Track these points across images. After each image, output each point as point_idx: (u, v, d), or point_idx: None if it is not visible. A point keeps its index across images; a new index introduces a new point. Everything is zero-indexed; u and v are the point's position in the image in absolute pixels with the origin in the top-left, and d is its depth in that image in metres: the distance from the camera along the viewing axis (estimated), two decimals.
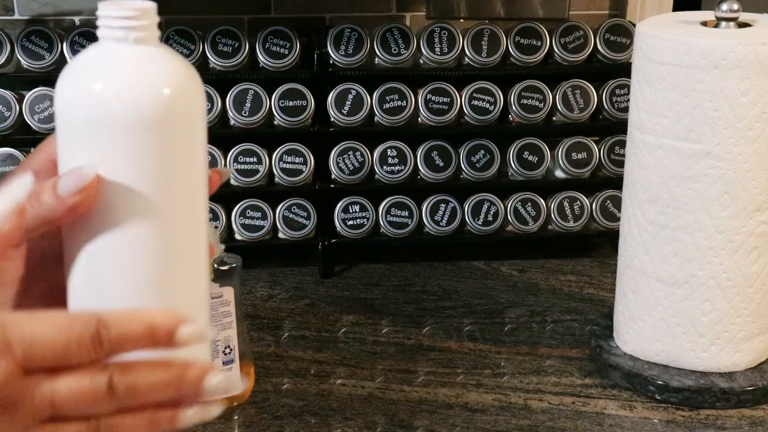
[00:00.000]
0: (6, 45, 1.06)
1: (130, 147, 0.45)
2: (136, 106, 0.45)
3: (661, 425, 0.80)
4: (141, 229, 0.46)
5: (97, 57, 0.46)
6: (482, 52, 1.09)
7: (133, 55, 0.46)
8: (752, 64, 0.76)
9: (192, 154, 0.48)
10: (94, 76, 0.45)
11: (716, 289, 0.82)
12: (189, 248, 0.48)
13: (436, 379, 0.87)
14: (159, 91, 0.45)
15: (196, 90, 0.47)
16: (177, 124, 0.46)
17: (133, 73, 0.46)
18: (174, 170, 0.46)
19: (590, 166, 1.12)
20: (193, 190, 0.48)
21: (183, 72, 0.47)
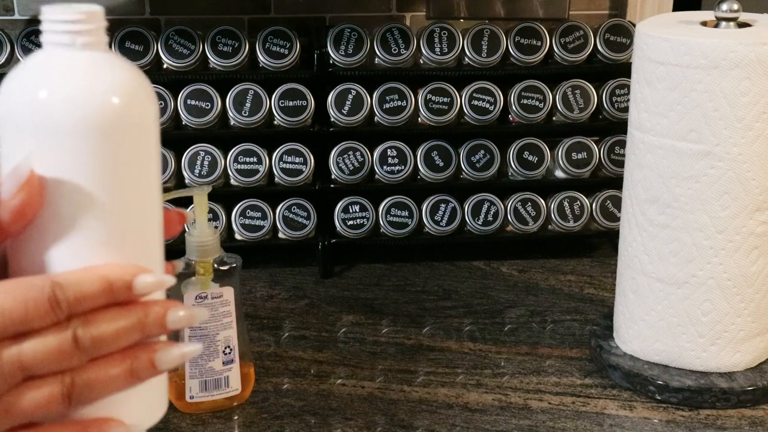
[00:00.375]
0: (6, 45, 1.06)
1: (76, 154, 0.44)
2: (82, 114, 0.44)
3: (661, 425, 0.80)
4: (91, 234, 0.45)
5: (42, 63, 0.45)
6: (482, 52, 1.09)
7: (79, 60, 0.45)
8: (752, 64, 0.76)
9: (142, 160, 0.46)
10: (40, 83, 0.44)
11: (716, 289, 0.82)
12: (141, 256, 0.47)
13: (436, 379, 0.87)
14: (106, 99, 0.44)
15: (144, 96, 0.46)
16: (124, 131, 0.45)
17: (78, 79, 0.44)
18: (123, 177, 0.45)
19: (590, 166, 1.12)
20: (143, 198, 0.47)
21: (130, 78, 0.46)
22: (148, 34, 1.07)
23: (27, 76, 0.45)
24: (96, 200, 0.45)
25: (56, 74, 0.44)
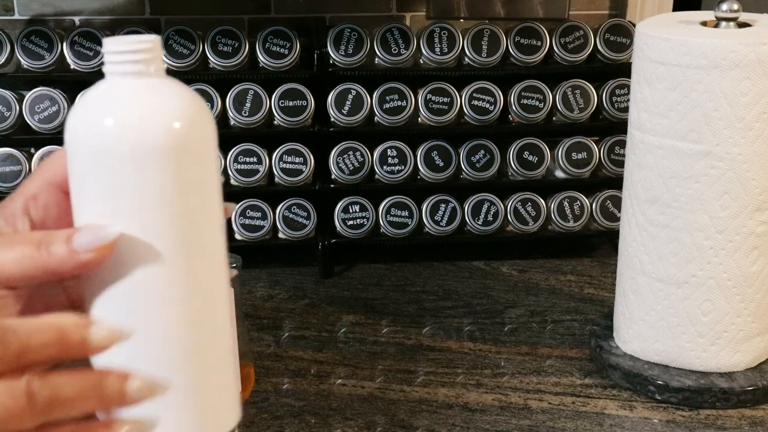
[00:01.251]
0: (6, 45, 1.06)
1: (142, 181, 0.45)
2: (147, 140, 0.45)
3: (661, 425, 0.80)
4: (159, 269, 0.46)
5: (106, 93, 0.46)
6: (482, 52, 1.09)
7: (141, 88, 0.46)
8: (752, 64, 0.76)
9: (206, 184, 0.47)
10: (104, 112, 0.45)
11: (716, 289, 0.82)
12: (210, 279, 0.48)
13: (436, 379, 0.87)
14: (170, 124, 0.45)
15: (207, 121, 0.47)
16: (189, 156, 0.46)
17: (142, 107, 0.45)
18: (189, 202, 0.46)
19: (590, 166, 1.12)
20: (210, 218, 0.48)
21: (193, 103, 0.47)
22: (149, 34, 1.07)
23: (91, 105, 0.46)
24: (164, 224, 0.46)
25: (121, 102, 0.45)
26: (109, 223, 0.45)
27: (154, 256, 0.46)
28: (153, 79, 0.46)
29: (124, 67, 0.46)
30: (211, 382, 0.49)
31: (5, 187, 1.07)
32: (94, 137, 0.45)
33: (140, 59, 0.46)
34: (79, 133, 0.46)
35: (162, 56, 0.47)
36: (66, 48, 1.06)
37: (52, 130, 1.06)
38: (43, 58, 1.06)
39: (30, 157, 1.07)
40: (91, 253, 0.45)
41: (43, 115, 1.05)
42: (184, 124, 0.46)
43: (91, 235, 0.45)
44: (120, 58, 0.46)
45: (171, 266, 0.46)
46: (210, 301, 0.49)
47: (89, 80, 1.05)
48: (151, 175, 0.45)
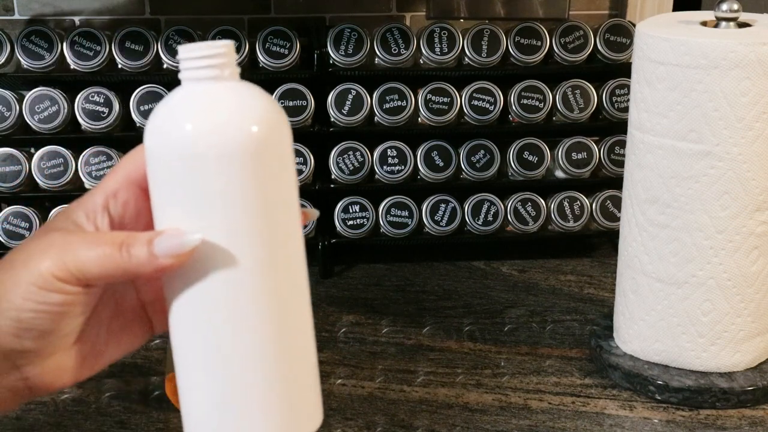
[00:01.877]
0: (6, 45, 1.06)
1: (222, 183, 0.46)
2: (227, 143, 0.45)
3: (661, 425, 0.80)
4: (242, 271, 0.47)
5: (185, 98, 0.47)
6: (482, 52, 1.09)
7: (218, 92, 0.47)
8: (752, 64, 0.76)
9: (284, 185, 0.48)
10: (184, 117, 0.46)
11: (716, 289, 0.82)
12: (291, 278, 0.49)
13: (436, 379, 0.87)
14: (249, 127, 0.46)
15: (284, 124, 0.48)
16: (268, 158, 0.47)
17: (221, 110, 0.46)
18: (270, 202, 0.47)
19: (590, 166, 1.12)
20: (290, 219, 0.49)
21: (270, 106, 0.48)
22: (148, 34, 1.07)
23: (172, 111, 0.47)
24: (245, 225, 0.46)
25: (201, 107, 0.46)
26: (190, 229, 0.46)
27: (236, 258, 0.46)
28: (229, 82, 0.47)
29: (201, 72, 0.47)
30: (296, 384, 0.50)
31: (5, 187, 1.07)
32: (175, 142, 0.46)
33: (215, 64, 0.47)
34: (160, 138, 0.46)
35: (236, 60, 0.48)
36: (66, 48, 1.06)
37: (52, 130, 1.06)
38: (43, 58, 1.06)
39: (30, 157, 1.07)
40: (170, 259, 0.46)
41: (43, 115, 1.06)
42: (263, 126, 0.46)
43: (171, 241, 0.46)
44: (196, 64, 0.46)
45: (254, 268, 0.47)
46: (293, 302, 0.49)
47: (89, 80, 1.07)
48: (230, 177, 0.45)
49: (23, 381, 0.49)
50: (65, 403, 0.82)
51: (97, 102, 1.06)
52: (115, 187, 0.50)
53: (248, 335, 0.47)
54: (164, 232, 0.46)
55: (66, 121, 1.06)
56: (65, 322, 0.48)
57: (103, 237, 0.48)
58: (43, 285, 0.47)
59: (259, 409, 0.48)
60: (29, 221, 1.07)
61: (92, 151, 1.07)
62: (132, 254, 0.46)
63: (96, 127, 1.07)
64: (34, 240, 0.49)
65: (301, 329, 0.50)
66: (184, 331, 0.49)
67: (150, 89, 1.07)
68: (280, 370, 0.49)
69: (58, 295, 0.47)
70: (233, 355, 0.47)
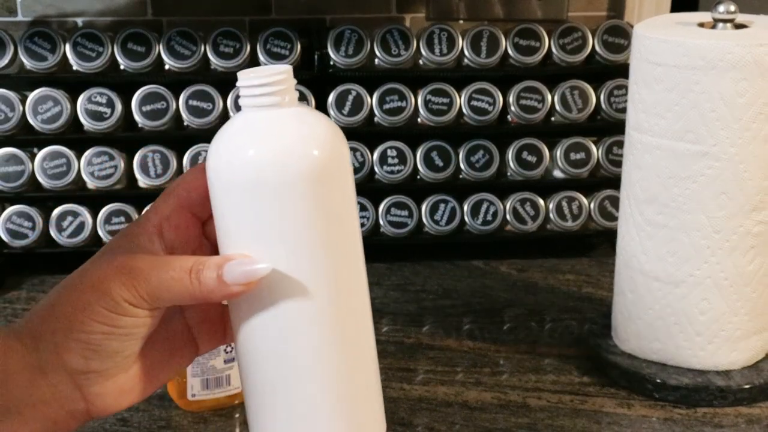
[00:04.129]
0: (9, 46, 1.06)
1: (286, 209, 0.46)
2: (290, 170, 0.45)
3: (658, 423, 0.80)
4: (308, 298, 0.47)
5: (246, 125, 0.47)
6: (481, 53, 1.10)
7: (279, 119, 0.47)
8: (749, 65, 0.76)
9: (347, 209, 0.48)
10: (246, 144, 0.46)
11: (713, 288, 0.82)
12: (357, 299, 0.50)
13: (436, 377, 0.88)
14: (310, 152, 0.46)
15: (343, 147, 0.48)
16: (331, 183, 0.47)
17: (283, 137, 0.46)
18: (334, 227, 0.47)
19: (588, 166, 1.13)
20: (353, 244, 0.49)
21: (329, 130, 0.48)
22: (150, 35, 1.08)
23: (234, 139, 0.47)
24: (311, 250, 0.47)
25: (263, 134, 0.47)
26: (257, 255, 0.46)
27: (304, 284, 0.46)
28: (289, 108, 0.47)
29: (261, 99, 0.47)
30: (362, 402, 0.50)
31: (8, 187, 1.07)
32: (239, 169, 0.46)
33: (276, 91, 0.47)
34: (223, 165, 0.46)
35: (294, 85, 0.48)
36: (69, 49, 1.07)
37: (55, 131, 1.07)
38: (46, 59, 1.07)
39: (33, 158, 1.07)
40: (240, 287, 0.46)
41: (45, 116, 1.06)
42: (325, 151, 0.46)
43: (241, 269, 0.46)
44: (257, 92, 0.47)
45: (321, 293, 0.47)
46: (359, 324, 0.49)
47: (92, 81, 1.07)
48: (296, 204, 0.46)
49: (84, 403, 0.50)
50: None
51: (100, 103, 1.07)
52: (167, 211, 0.51)
53: (315, 361, 0.48)
54: (233, 258, 0.47)
55: (68, 121, 1.07)
56: (130, 343, 0.49)
57: (172, 262, 0.48)
58: (114, 309, 0.47)
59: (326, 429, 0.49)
60: (32, 221, 1.07)
61: (95, 152, 1.08)
62: (202, 281, 0.47)
63: (98, 127, 1.07)
64: (102, 262, 0.49)
65: (366, 351, 0.51)
66: (252, 357, 0.49)
67: (152, 90, 1.07)
68: (348, 391, 0.49)
69: (129, 319, 0.48)
70: (300, 381, 0.48)
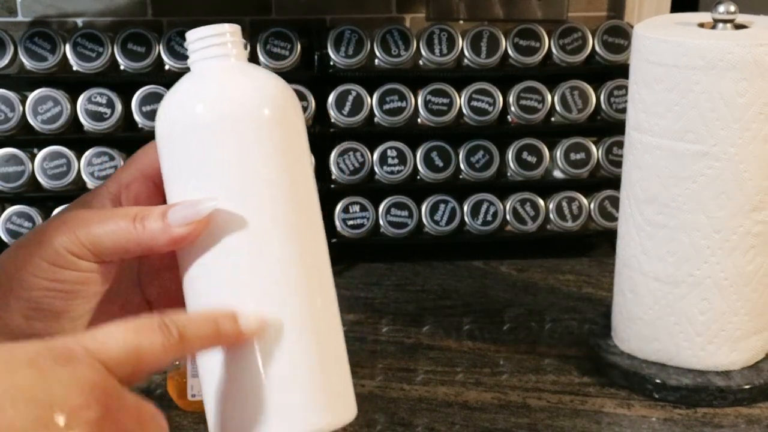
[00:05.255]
0: (9, 46, 1.06)
1: (234, 149, 0.46)
2: (236, 109, 0.46)
3: (658, 423, 0.80)
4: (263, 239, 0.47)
5: (192, 77, 0.48)
6: (481, 53, 1.10)
7: (225, 68, 0.48)
8: (749, 65, 0.76)
9: (297, 151, 0.49)
10: (191, 93, 0.47)
11: (713, 289, 0.82)
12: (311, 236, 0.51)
13: (436, 377, 0.88)
14: (257, 93, 0.47)
15: (290, 92, 0.49)
16: (279, 121, 0.47)
17: (227, 82, 0.47)
18: (283, 166, 0.47)
19: (588, 167, 1.13)
20: (304, 182, 0.50)
21: (276, 81, 0.48)
22: (150, 35, 1.08)
23: (179, 89, 0.48)
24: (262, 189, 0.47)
25: (207, 81, 0.47)
26: (204, 198, 0.46)
27: (254, 221, 0.46)
28: (236, 60, 0.48)
29: (207, 51, 0.48)
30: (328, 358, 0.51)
31: (9, 188, 1.07)
32: (184, 116, 0.46)
33: (221, 42, 0.48)
34: (169, 116, 0.47)
35: (242, 42, 0.49)
36: (69, 49, 1.07)
37: (55, 131, 1.07)
38: (46, 60, 1.07)
39: (33, 158, 1.07)
40: (185, 228, 0.45)
41: (46, 116, 1.06)
42: (270, 92, 0.47)
43: (185, 210, 0.45)
44: (202, 44, 0.48)
45: (275, 236, 0.47)
46: (316, 258, 0.51)
47: (92, 81, 1.07)
48: (242, 142, 0.46)
49: None
50: None
51: (100, 103, 1.07)
52: (128, 179, 0.50)
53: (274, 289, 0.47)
54: (178, 203, 0.46)
55: (69, 121, 1.07)
56: (76, 303, 0.47)
57: (117, 211, 0.47)
58: (56, 261, 0.46)
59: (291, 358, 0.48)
60: (32, 221, 1.07)
61: (95, 152, 1.08)
62: (146, 226, 0.45)
63: (98, 127, 1.07)
64: (49, 221, 0.48)
65: (327, 295, 0.52)
66: (203, 298, 0.48)
67: (152, 90, 1.07)
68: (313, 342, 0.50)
69: (71, 272, 0.46)
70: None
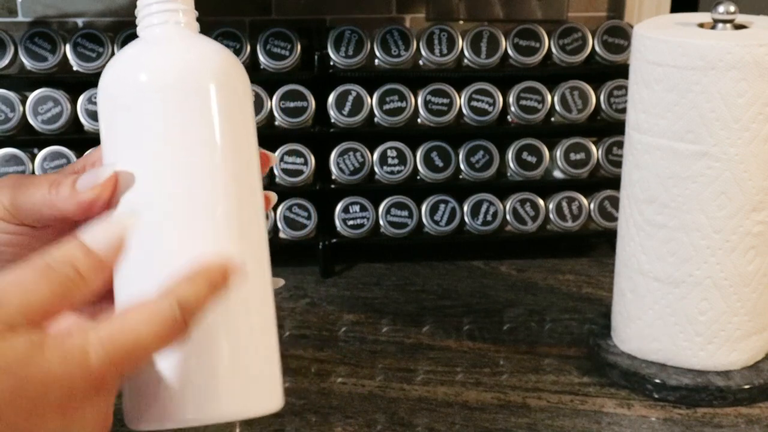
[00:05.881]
0: (9, 47, 1.06)
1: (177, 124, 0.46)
2: (180, 85, 0.46)
3: (658, 423, 0.80)
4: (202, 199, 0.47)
5: (138, 44, 0.48)
6: (481, 53, 1.10)
7: (174, 37, 0.48)
8: (749, 65, 0.76)
9: (239, 126, 0.48)
10: (134, 61, 0.47)
11: (713, 289, 0.82)
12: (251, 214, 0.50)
13: (436, 377, 0.88)
14: (203, 67, 0.47)
15: (238, 66, 0.49)
16: (223, 96, 0.47)
17: (170, 52, 0.47)
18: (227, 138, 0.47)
19: (588, 167, 1.13)
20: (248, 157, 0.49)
21: (221, 51, 0.48)
22: None
23: (125, 58, 0.48)
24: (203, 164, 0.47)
25: (149, 53, 0.47)
26: (109, 163, 0.47)
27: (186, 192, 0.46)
28: (181, 29, 0.48)
29: (154, 18, 0.48)
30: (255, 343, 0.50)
31: None
32: (117, 85, 0.47)
33: (167, 9, 0.48)
34: (106, 83, 0.48)
35: (193, 10, 0.49)
36: (69, 50, 1.07)
37: (55, 131, 1.07)
38: (46, 60, 1.07)
39: (33, 158, 1.07)
40: (90, 192, 0.47)
41: (46, 116, 1.06)
42: (208, 66, 0.47)
43: (90, 176, 0.47)
44: (149, 11, 0.48)
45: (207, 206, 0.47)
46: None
47: (92, 81, 1.07)
48: (170, 114, 0.46)
49: None
50: None
51: None
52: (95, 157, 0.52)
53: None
54: (87, 171, 0.48)
55: (69, 122, 1.07)
56: (4, 264, 0.50)
57: (39, 178, 0.50)
58: None
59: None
60: None
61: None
62: (59, 192, 0.48)
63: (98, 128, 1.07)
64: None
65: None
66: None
67: None
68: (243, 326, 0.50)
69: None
70: None
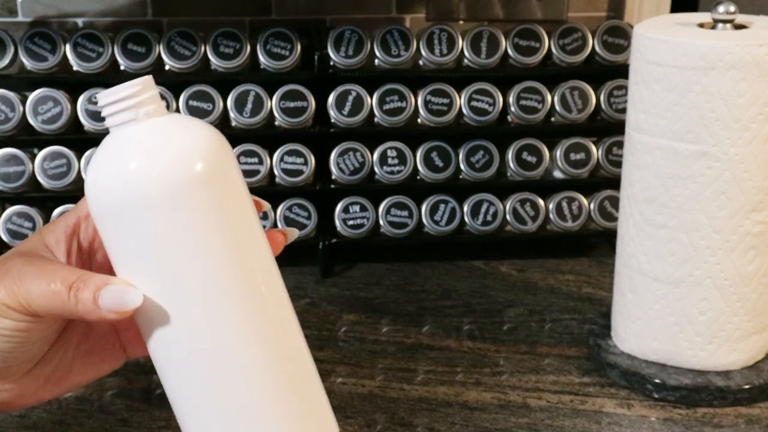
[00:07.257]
0: (9, 47, 1.06)
1: (170, 225, 0.45)
2: (168, 181, 0.44)
3: (658, 423, 0.80)
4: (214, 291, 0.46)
5: (116, 143, 0.45)
6: (481, 53, 1.10)
7: (146, 132, 0.45)
8: (749, 65, 0.76)
9: (239, 214, 0.47)
10: (115, 169, 0.45)
11: (713, 289, 0.82)
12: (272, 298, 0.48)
13: (436, 377, 0.88)
14: (186, 161, 0.45)
15: (223, 147, 0.47)
16: (216, 186, 0.45)
17: (154, 149, 0.45)
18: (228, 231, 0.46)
19: (588, 167, 1.13)
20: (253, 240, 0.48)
21: (205, 135, 0.46)
22: (150, 36, 1.08)
23: (102, 163, 0.46)
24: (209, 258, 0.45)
25: (128, 160, 0.45)
26: (135, 285, 0.45)
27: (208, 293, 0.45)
28: (154, 119, 0.45)
29: (121, 116, 0.45)
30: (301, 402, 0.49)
31: (9, 188, 1.07)
32: (105, 194, 0.45)
33: (132, 105, 0.45)
34: (95, 192, 0.46)
35: (157, 93, 0.46)
36: (69, 50, 1.07)
37: (55, 131, 1.07)
38: (46, 60, 1.07)
39: (33, 158, 1.07)
40: (113, 314, 0.46)
41: (46, 116, 1.06)
42: (198, 157, 0.45)
43: (115, 297, 0.46)
44: (114, 109, 0.45)
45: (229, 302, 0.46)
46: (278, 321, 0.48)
47: (92, 81, 1.07)
48: (169, 218, 0.44)
49: None
50: (68, 402, 0.83)
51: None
52: (87, 209, 0.50)
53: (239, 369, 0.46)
54: (112, 283, 0.46)
55: (69, 122, 1.07)
56: (22, 349, 0.49)
57: (56, 273, 0.47)
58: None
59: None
60: (32, 221, 1.07)
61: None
62: (79, 299, 0.46)
63: (99, 127, 1.07)
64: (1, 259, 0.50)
65: (296, 343, 0.49)
66: (170, 372, 0.48)
67: None
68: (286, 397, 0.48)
69: (10, 321, 0.48)
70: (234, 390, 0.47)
